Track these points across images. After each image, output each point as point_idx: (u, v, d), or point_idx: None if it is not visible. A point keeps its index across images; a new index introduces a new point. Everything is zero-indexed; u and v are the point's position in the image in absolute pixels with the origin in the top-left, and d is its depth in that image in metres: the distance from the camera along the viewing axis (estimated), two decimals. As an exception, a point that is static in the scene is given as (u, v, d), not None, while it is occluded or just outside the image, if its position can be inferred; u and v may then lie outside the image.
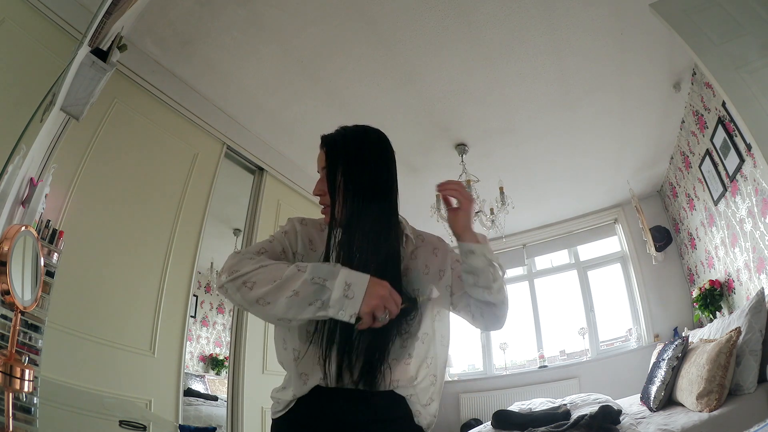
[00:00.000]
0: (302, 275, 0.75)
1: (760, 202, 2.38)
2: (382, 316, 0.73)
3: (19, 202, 1.55)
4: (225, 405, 2.83)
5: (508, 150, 3.58)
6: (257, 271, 0.79)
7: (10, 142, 1.41)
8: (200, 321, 4.48)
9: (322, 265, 0.77)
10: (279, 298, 0.75)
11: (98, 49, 1.70)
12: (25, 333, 1.59)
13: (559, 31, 2.44)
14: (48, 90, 1.65)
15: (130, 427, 1.12)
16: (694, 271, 3.73)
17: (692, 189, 3.41)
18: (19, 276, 1.04)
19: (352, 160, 0.91)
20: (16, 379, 0.94)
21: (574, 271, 4.79)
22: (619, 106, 3.12)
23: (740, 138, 2.40)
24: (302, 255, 0.93)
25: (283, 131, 3.22)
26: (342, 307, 0.73)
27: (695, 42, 1.96)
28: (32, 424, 0.87)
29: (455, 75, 2.74)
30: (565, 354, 4.56)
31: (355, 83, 2.78)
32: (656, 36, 2.44)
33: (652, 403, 2.47)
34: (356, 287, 0.73)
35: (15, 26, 1.83)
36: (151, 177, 2.52)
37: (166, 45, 2.47)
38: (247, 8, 2.25)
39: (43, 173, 1.82)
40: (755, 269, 2.58)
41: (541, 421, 2.65)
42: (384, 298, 0.73)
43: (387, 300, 0.74)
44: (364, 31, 2.41)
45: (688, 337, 2.75)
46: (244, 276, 0.79)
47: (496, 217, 3.44)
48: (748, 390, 2.03)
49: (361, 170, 0.91)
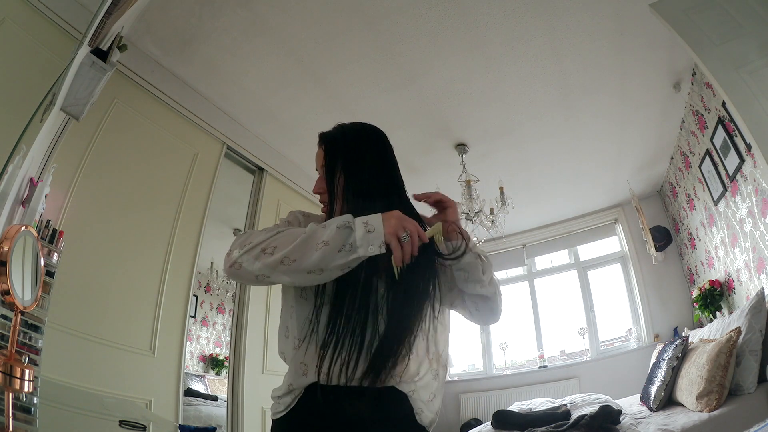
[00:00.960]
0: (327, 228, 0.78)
1: (760, 202, 2.38)
2: (405, 234, 0.76)
3: (19, 202, 1.55)
4: (225, 405, 2.83)
5: (508, 150, 3.58)
6: (275, 237, 0.81)
7: (10, 142, 1.41)
8: (200, 321, 4.48)
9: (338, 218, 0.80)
10: (307, 251, 0.77)
11: (98, 49, 1.70)
12: (25, 333, 1.59)
13: (559, 31, 2.44)
14: (48, 90, 1.64)
15: (130, 427, 1.12)
16: (694, 271, 3.73)
17: (692, 189, 3.41)
18: (19, 276, 1.04)
19: (351, 157, 0.92)
20: (16, 379, 0.94)
21: (574, 271, 4.79)
22: (619, 106, 3.12)
23: (740, 138, 2.40)
24: None
25: (283, 131, 3.22)
26: (368, 242, 0.76)
27: (695, 42, 1.96)
28: (32, 424, 0.87)
29: (455, 75, 2.74)
30: (565, 354, 4.56)
31: (355, 83, 2.78)
32: (656, 36, 2.43)
33: (652, 403, 2.47)
34: (373, 221, 0.77)
35: (15, 26, 1.83)
36: (151, 177, 2.52)
37: (166, 45, 2.47)
38: (248, 8, 2.25)
39: (43, 173, 1.82)
40: (755, 269, 2.58)
41: (541, 421, 2.65)
42: (400, 218, 0.77)
43: (403, 219, 0.77)
44: (364, 31, 2.41)
45: (688, 337, 2.75)
46: (261, 244, 0.80)
47: (496, 217, 3.44)
48: (748, 390, 2.03)
49: (360, 168, 0.91)
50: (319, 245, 0.77)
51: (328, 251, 0.76)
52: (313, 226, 0.80)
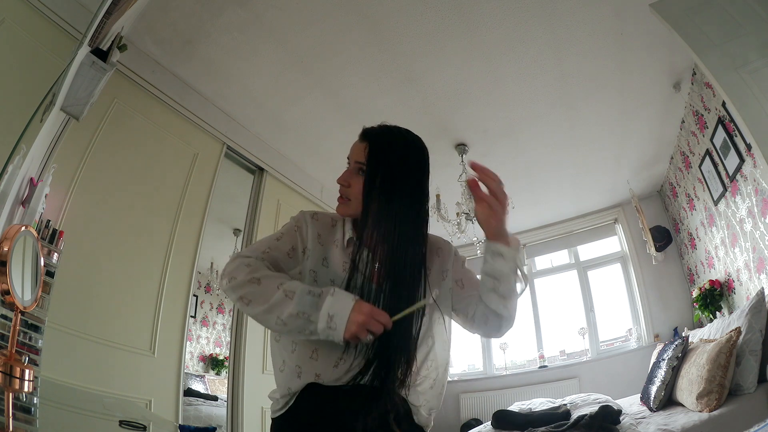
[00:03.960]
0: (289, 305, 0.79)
1: (760, 202, 2.38)
2: (365, 338, 0.78)
3: (19, 202, 1.55)
4: (225, 405, 2.83)
5: (508, 150, 3.58)
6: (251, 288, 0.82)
7: (10, 142, 1.41)
8: (200, 321, 4.48)
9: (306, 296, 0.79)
10: (271, 321, 0.81)
11: (98, 49, 1.70)
12: (25, 333, 1.59)
13: (559, 31, 2.44)
14: (48, 90, 1.65)
15: (130, 427, 1.12)
16: (694, 271, 3.73)
17: (692, 189, 3.41)
18: (19, 276, 1.04)
19: (392, 176, 0.89)
20: (16, 379, 0.94)
21: (574, 271, 4.78)
22: (619, 106, 3.12)
23: (740, 138, 2.40)
24: (311, 250, 0.93)
25: (283, 131, 3.22)
26: (327, 336, 0.78)
27: (695, 42, 1.96)
28: (32, 424, 0.86)
29: (455, 75, 2.74)
30: (565, 354, 4.55)
31: (355, 83, 2.78)
32: (656, 36, 2.43)
33: (652, 403, 2.47)
34: (338, 318, 0.77)
35: (15, 26, 1.83)
36: (151, 177, 2.52)
37: (166, 45, 2.47)
38: (248, 8, 2.25)
39: (43, 173, 1.82)
40: (755, 269, 2.58)
41: (541, 421, 2.65)
42: (364, 324, 0.76)
43: (368, 324, 0.77)
44: (364, 31, 2.41)
45: (688, 337, 2.75)
46: (239, 290, 0.83)
47: (496, 217, 3.43)
48: (748, 390, 2.03)
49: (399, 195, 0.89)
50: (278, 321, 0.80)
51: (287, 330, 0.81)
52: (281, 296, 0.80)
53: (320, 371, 0.85)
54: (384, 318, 0.78)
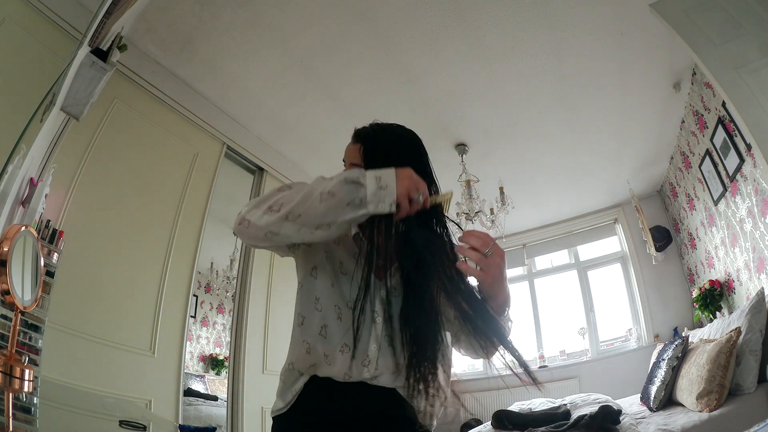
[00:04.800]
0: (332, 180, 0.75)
1: (760, 202, 2.38)
2: (417, 196, 0.74)
3: (19, 202, 1.55)
4: (225, 405, 2.83)
5: (508, 150, 3.58)
6: (282, 195, 0.79)
7: (10, 142, 1.41)
8: (200, 321, 4.47)
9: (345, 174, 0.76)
10: (312, 205, 0.74)
11: (98, 49, 1.70)
12: (25, 333, 1.59)
13: (559, 31, 2.44)
14: (48, 90, 1.65)
15: (130, 427, 1.12)
16: (694, 271, 3.73)
17: (692, 189, 3.41)
18: (19, 276, 1.04)
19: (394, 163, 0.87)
20: (16, 379, 0.94)
21: (574, 271, 4.78)
22: (619, 106, 3.12)
23: (740, 138, 2.40)
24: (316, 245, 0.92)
25: (283, 131, 3.22)
26: (380, 198, 0.73)
27: (695, 42, 1.96)
28: (32, 424, 0.87)
29: (455, 75, 2.74)
30: (565, 354, 4.55)
31: (355, 83, 2.78)
32: (656, 36, 2.43)
33: (652, 403, 2.47)
34: (386, 177, 0.74)
35: (15, 26, 1.83)
36: (151, 177, 2.52)
37: (166, 45, 2.47)
38: (248, 9, 2.25)
39: (43, 173, 1.82)
40: (755, 269, 2.58)
41: (541, 421, 2.65)
42: (413, 179, 0.75)
43: (416, 180, 0.75)
44: (364, 31, 2.41)
45: (688, 337, 2.75)
46: (268, 201, 0.79)
47: (496, 217, 3.44)
48: (748, 390, 2.03)
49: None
50: (324, 196, 0.73)
51: (334, 204, 0.73)
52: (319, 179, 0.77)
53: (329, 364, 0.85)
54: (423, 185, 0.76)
